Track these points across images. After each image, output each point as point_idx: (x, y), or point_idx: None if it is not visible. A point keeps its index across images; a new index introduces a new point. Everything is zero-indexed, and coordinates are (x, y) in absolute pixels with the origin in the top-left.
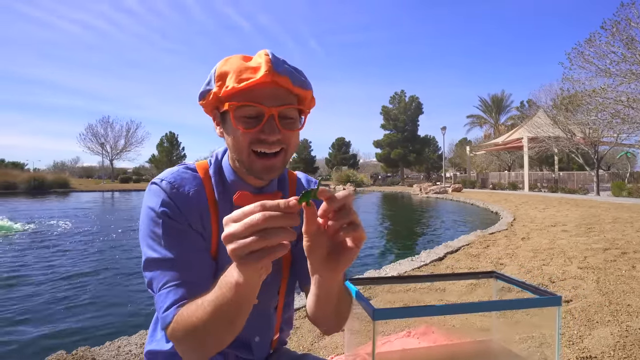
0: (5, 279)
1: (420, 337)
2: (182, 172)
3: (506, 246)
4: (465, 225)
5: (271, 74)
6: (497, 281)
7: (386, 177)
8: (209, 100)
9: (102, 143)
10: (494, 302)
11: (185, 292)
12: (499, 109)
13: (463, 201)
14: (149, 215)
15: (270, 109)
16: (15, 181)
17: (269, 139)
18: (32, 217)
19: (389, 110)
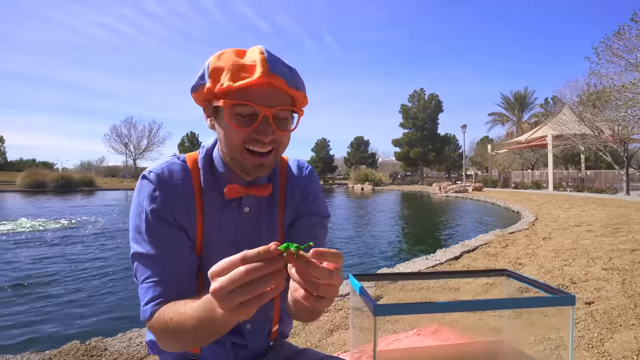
0: (28, 273)
1: (430, 336)
2: (170, 163)
3: (526, 246)
4: (484, 224)
5: (267, 75)
6: (509, 279)
7: (405, 176)
8: (201, 93)
9: (125, 143)
10: (501, 300)
11: (164, 290)
12: (522, 106)
13: (483, 200)
14: (136, 211)
15: (265, 109)
16: (45, 180)
17: (262, 139)
18: (60, 214)
19: (408, 109)
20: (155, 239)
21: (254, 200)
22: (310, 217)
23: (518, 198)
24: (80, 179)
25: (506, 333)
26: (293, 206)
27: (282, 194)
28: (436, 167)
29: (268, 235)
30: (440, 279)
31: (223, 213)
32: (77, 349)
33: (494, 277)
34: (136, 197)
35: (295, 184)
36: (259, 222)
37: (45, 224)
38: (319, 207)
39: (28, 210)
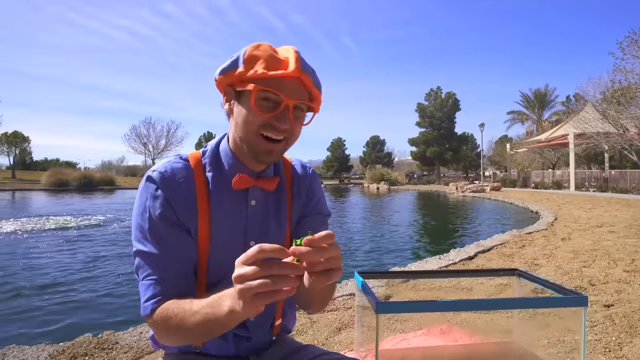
0: (48, 269)
1: (439, 336)
2: (173, 162)
3: (544, 246)
4: (501, 224)
5: (299, 70)
6: (520, 279)
7: (422, 176)
8: (230, 77)
9: (144, 143)
10: (510, 299)
11: (164, 288)
12: (542, 104)
13: (501, 200)
14: (139, 210)
15: (289, 100)
16: (68, 179)
17: (280, 126)
18: (82, 212)
19: (425, 108)
20: (157, 237)
21: (260, 193)
22: (315, 216)
23: (537, 198)
24: (101, 178)
25: (517, 334)
26: (300, 204)
27: (289, 190)
28: (453, 166)
29: (277, 229)
30: (450, 278)
31: (229, 206)
32: (89, 342)
33: (507, 277)
34: (139, 196)
35: (302, 182)
36: (266, 216)
37: (68, 222)
38: (322, 206)
39: (52, 208)
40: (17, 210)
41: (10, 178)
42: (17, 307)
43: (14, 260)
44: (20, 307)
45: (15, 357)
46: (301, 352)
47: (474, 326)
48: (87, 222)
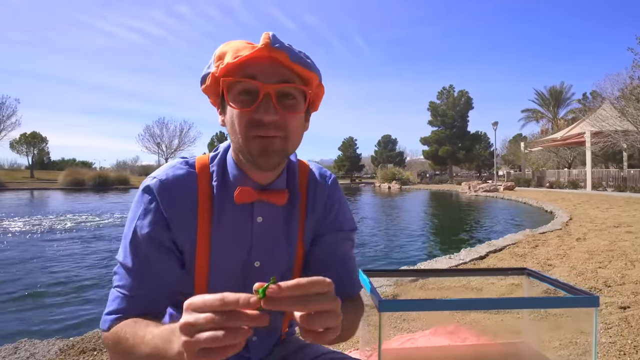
0: (62, 266)
1: (447, 336)
2: (177, 167)
3: (557, 246)
4: (514, 224)
5: (267, 48)
6: (530, 278)
7: (434, 175)
8: (208, 85)
9: (158, 143)
10: (517, 299)
11: (129, 306)
12: (558, 102)
13: (515, 200)
14: (130, 219)
15: (267, 85)
16: (84, 178)
17: (263, 119)
18: (98, 210)
19: (437, 106)
20: (138, 255)
21: (268, 208)
22: (335, 234)
23: (552, 198)
24: (115, 178)
25: (526, 335)
26: (314, 220)
27: (303, 203)
28: (466, 165)
29: (287, 250)
30: (460, 278)
31: (233, 222)
32: (98, 337)
33: (517, 278)
34: (134, 205)
35: (318, 194)
36: (274, 234)
37: (83, 220)
38: (344, 220)
39: (68, 207)
40: (34, 209)
41: (29, 177)
42: (30, 302)
43: (29, 257)
44: (33, 302)
45: (27, 350)
46: (305, 350)
47: (483, 326)
48: (101, 220)
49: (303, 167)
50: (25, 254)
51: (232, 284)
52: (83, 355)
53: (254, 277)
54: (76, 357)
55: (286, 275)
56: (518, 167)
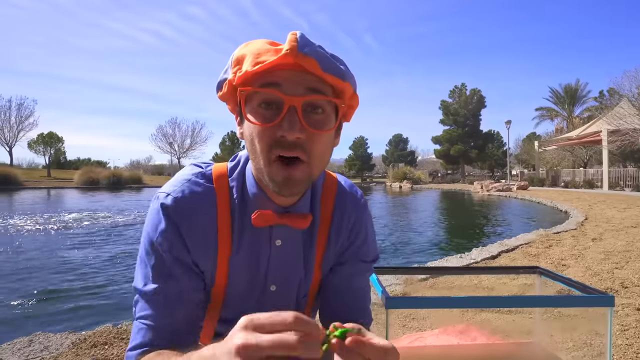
0: (78, 262)
1: (457, 335)
2: (193, 182)
3: (572, 247)
4: (527, 223)
5: (293, 53)
6: (542, 277)
7: (446, 175)
8: (225, 93)
9: (170, 142)
10: (527, 297)
11: (155, 337)
12: (573, 100)
13: (528, 199)
14: (146, 241)
15: (292, 98)
16: (98, 178)
17: (287, 136)
18: (113, 209)
19: (449, 105)
20: (160, 278)
21: (288, 231)
22: (358, 264)
23: (567, 197)
24: (129, 177)
25: (538, 335)
26: (337, 246)
27: (325, 227)
28: (478, 165)
29: (305, 275)
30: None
31: (251, 245)
32: (109, 331)
33: (530, 277)
34: (148, 224)
35: (345, 219)
36: (293, 259)
37: (99, 218)
38: (369, 249)
39: (83, 205)
40: (50, 207)
41: (46, 176)
42: (44, 297)
43: (44, 253)
44: (47, 296)
45: (41, 343)
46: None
47: (494, 326)
48: (116, 218)
49: (331, 185)
50: (41, 250)
51: (245, 308)
52: (94, 349)
53: (269, 302)
54: (87, 350)
55: (302, 301)
56: (532, 166)
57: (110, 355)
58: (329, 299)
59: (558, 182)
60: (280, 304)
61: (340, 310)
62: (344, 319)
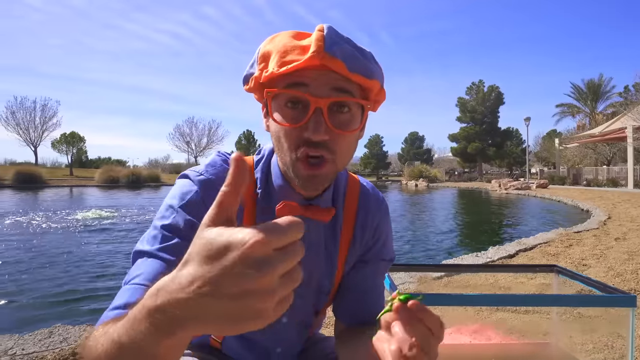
0: (98, 258)
1: (471, 334)
2: (221, 168)
3: (594, 246)
4: (546, 223)
5: (320, 55)
6: (560, 277)
7: (463, 173)
8: (251, 87)
9: (187, 141)
10: (543, 296)
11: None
12: (596, 95)
13: (548, 198)
14: (164, 207)
15: (318, 99)
16: (118, 176)
17: (312, 138)
18: (126, 206)
19: (466, 102)
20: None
21: (311, 224)
22: (378, 263)
23: (589, 196)
24: (148, 175)
25: (555, 336)
26: (362, 245)
27: (350, 225)
28: (496, 163)
29: (326, 267)
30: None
31: None
32: None
33: (547, 276)
34: (171, 194)
35: (369, 219)
36: (315, 250)
37: (118, 214)
38: (389, 249)
39: (103, 202)
40: (73, 204)
41: (69, 175)
42: (64, 290)
43: (66, 248)
44: (67, 290)
45: (61, 335)
46: (324, 342)
47: (510, 326)
48: (135, 215)
49: (353, 184)
50: (63, 245)
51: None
52: None
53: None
54: None
55: (322, 296)
56: (552, 164)
57: None
58: (348, 295)
59: (580, 181)
60: (301, 296)
61: (359, 307)
62: (362, 316)
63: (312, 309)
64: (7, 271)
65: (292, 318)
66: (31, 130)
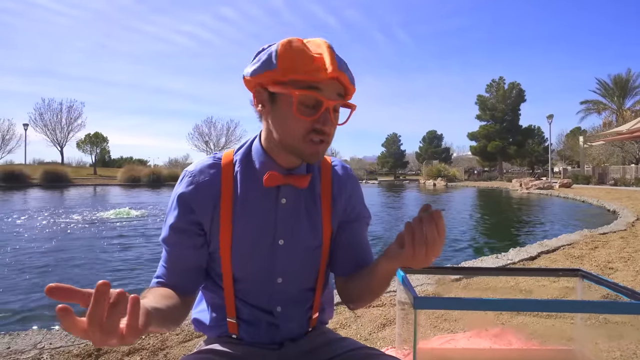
0: (123, 254)
1: (491, 338)
2: (205, 160)
3: (621, 249)
4: (570, 223)
5: (337, 71)
6: (584, 281)
7: (482, 172)
8: (262, 78)
9: (206, 141)
10: (567, 301)
11: (166, 276)
12: (624, 91)
13: (572, 198)
14: (169, 207)
15: (329, 101)
16: (139, 175)
17: (324, 129)
18: (151, 204)
19: (485, 100)
20: (171, 237)
21: (292, 191)
22: (360, 221)
23: (616, 196)
24: (168, 174)
25: (580, 342)
26: (341, 207)
27: (327, 191)
28: (517, 162)
29: (310, 230)
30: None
31: (258, 204)
32: None
33: (570, 280)
34: (173, 193)
35: (343, 185)
36: (297, 215)
37: (141, 212)
38: (364, 209)
39: (127, 200)
40: (97, 202)
41: (93, 174)
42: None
43: (89, 243)
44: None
45: None
46: (339, 343)
47: (531, 331)
48: (157, 212)
49: (325, 161)
50: (86, 242)
51: (258, 262)
52: None
53: (279, 254)
54: None
55: (315, 252)
56: (576, 163)
57: (146, 345)
58: (342, 251)
59: (606, 180)
60: (289, 256)
61: (353, 258)
62: (357, 266)
63: (307, 267)
64: (42, 264)
65: (289, 278)
66: (58, 131)
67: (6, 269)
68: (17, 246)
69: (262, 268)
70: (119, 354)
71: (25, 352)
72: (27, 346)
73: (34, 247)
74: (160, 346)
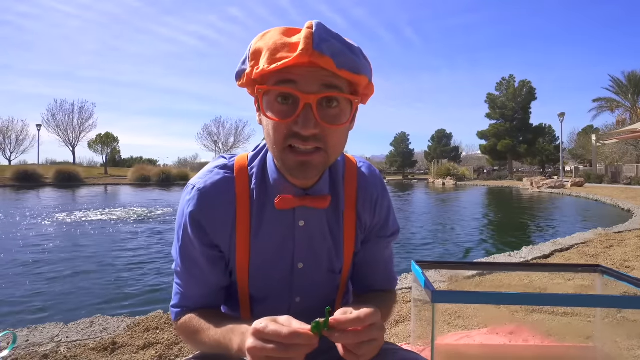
0: (133, 253)
1: (507, 335)
2: (215, 173)
3: (637, 247)
4: (583, 222)
5: (308, 53)
6: (604, 277)
7: (492, 171)
8: (244, 82)
9: (215, 141)
10: (585, 296)
11: (187, 303)
12: (638, 88)
13: (584, 197)
14: (177, 224)
15: (308, 96)
16: (149, 175)
17: (302, 132)
18: (161, 203)
19: (495, 98)
20: (185, 261)
21: (310, 212)
22: (377, 241)
23: (630, 195)
24: (177, 174)
25: (599, 340)
26: (366, 222)
27: (352, 204)
28: (528, 161)
29: (332, 252)
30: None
31: (274, 227)
32: (160, 317)
33: (588, 276)
34: (179, 210)
35: (368, 196)
36: (318, 238)
37: (152, 211)
38: (393, 223)
39: (137, 199)
40: (108, 201)
41: (104, 174)
42: (104, 283)
43: (104, 242)
44: (107, 283)
45: (101, 325)
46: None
47: (548, 328)
48: (167, 211)
49: (351, 167)
50: (101, 239)
51: (276, 285)
52: (147, 333)
53: (297, 278)
54: (141, 334)
55: (334, 276)
56: (588, 162)
57: (161, 339)
58: (363, 269)
59: (619, 179)
60: (309, 279)
61: (374, 278)
62: (364, 289)
63: (328, 287)
64: (59, 259)
65: (307, 297)
66: (70, 132)
67: (21, 267)
68: (33, 242)
69: (280, 289)
70: (134, 348)
71: (43, 345)
72: (45, 339)
73: (51, 244)
74: (175, 340)
